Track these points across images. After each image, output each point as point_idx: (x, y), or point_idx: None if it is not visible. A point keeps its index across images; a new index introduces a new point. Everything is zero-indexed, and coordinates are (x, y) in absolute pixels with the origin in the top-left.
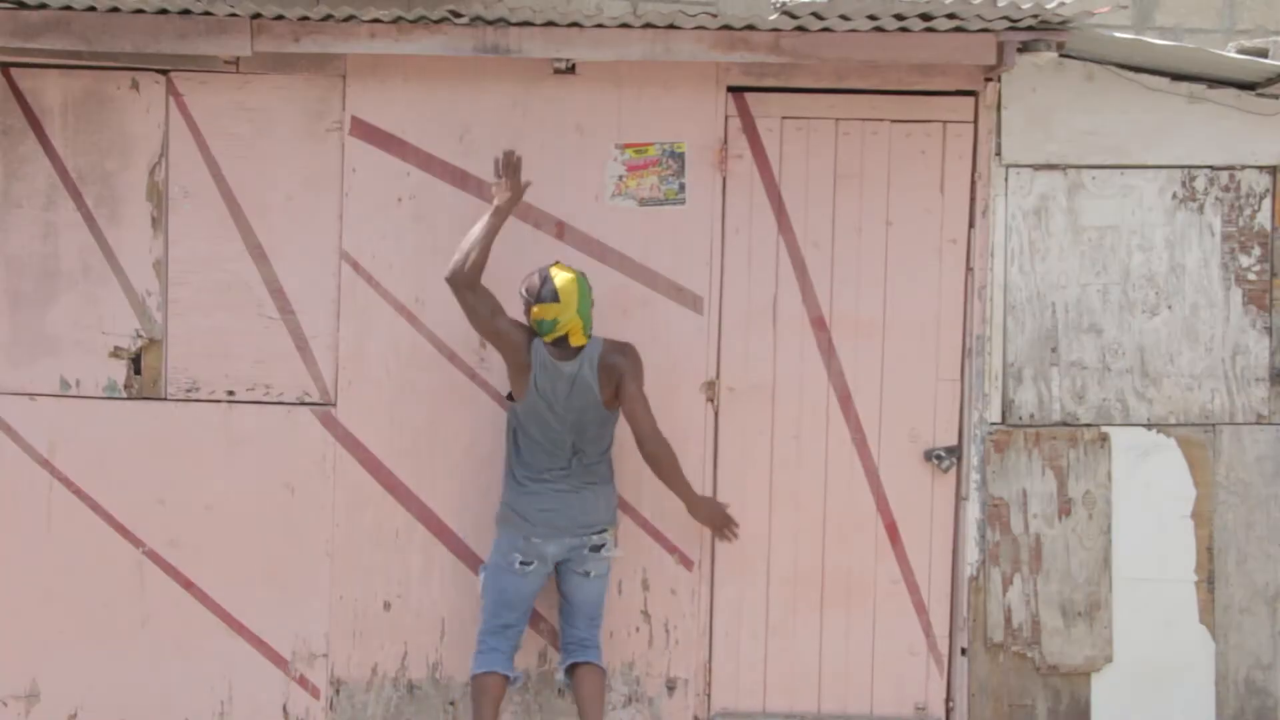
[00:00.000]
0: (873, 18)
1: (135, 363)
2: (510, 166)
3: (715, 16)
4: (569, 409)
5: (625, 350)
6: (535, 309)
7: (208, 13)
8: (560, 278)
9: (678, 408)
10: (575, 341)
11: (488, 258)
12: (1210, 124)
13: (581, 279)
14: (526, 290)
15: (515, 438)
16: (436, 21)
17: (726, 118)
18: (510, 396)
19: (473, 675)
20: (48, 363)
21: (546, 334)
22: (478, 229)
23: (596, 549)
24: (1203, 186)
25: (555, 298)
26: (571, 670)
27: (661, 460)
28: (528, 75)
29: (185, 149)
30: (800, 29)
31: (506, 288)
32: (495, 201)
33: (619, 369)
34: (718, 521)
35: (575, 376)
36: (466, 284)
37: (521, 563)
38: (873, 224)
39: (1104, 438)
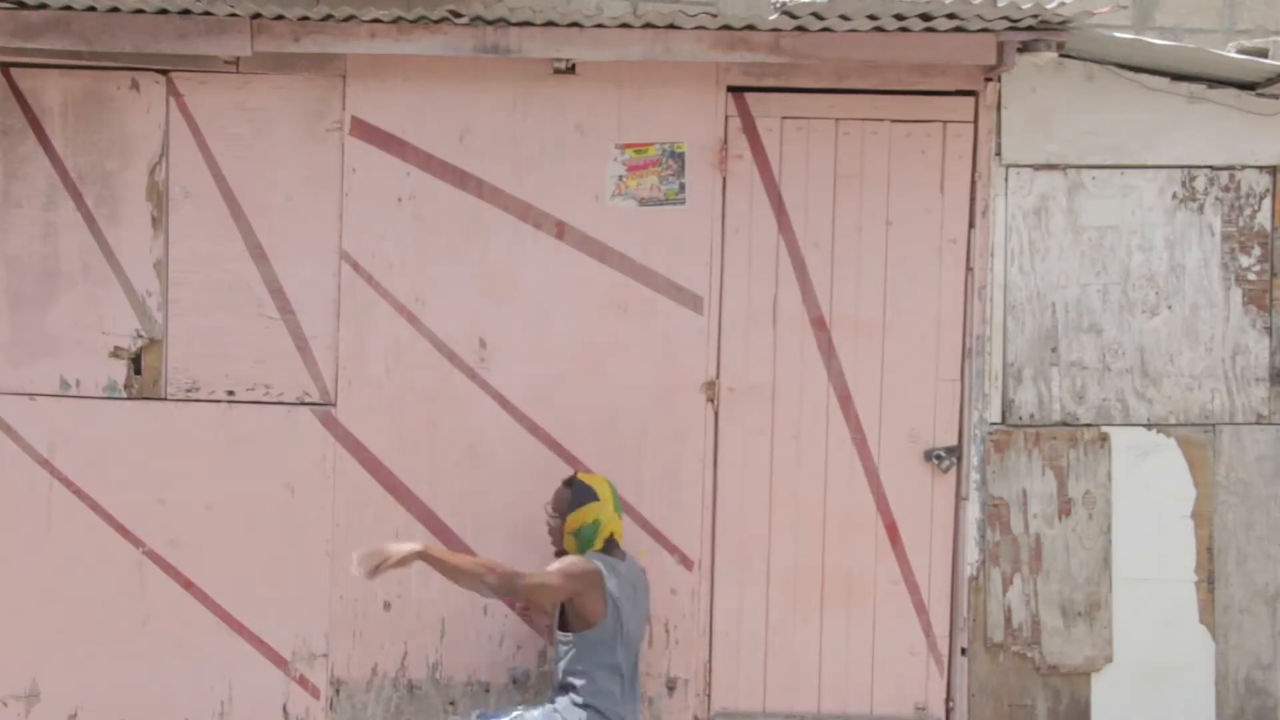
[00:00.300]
0: (873, 18)
1: (135, 363)
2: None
3: (715, 16)
4: (635, 615)
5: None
6: (572, 517)
7: (208, 13)
8: (593, 481)
9: (678, 408)
10: (618, 537)
11: (477, 575)
12: (1210, 124)
13: (608, 483)
14: (554, 506)
15: (593, 663)
16: (436, 21)
17: (726, 118)
18: (564, 627)
19: None
20: (48, 363)
21: (588, 544)
22: (458, 559)
23: None
24: (1203, 186)
25: (595, 496)
26: None
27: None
28: (528, 75)
29: (185, 149)
30: (800, 29)
31: (511, 286)
32: (422, 558)
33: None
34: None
35: (632, 569)
36: (513, 583)
37: None
38: (873, 224)
39: (1104, 438)
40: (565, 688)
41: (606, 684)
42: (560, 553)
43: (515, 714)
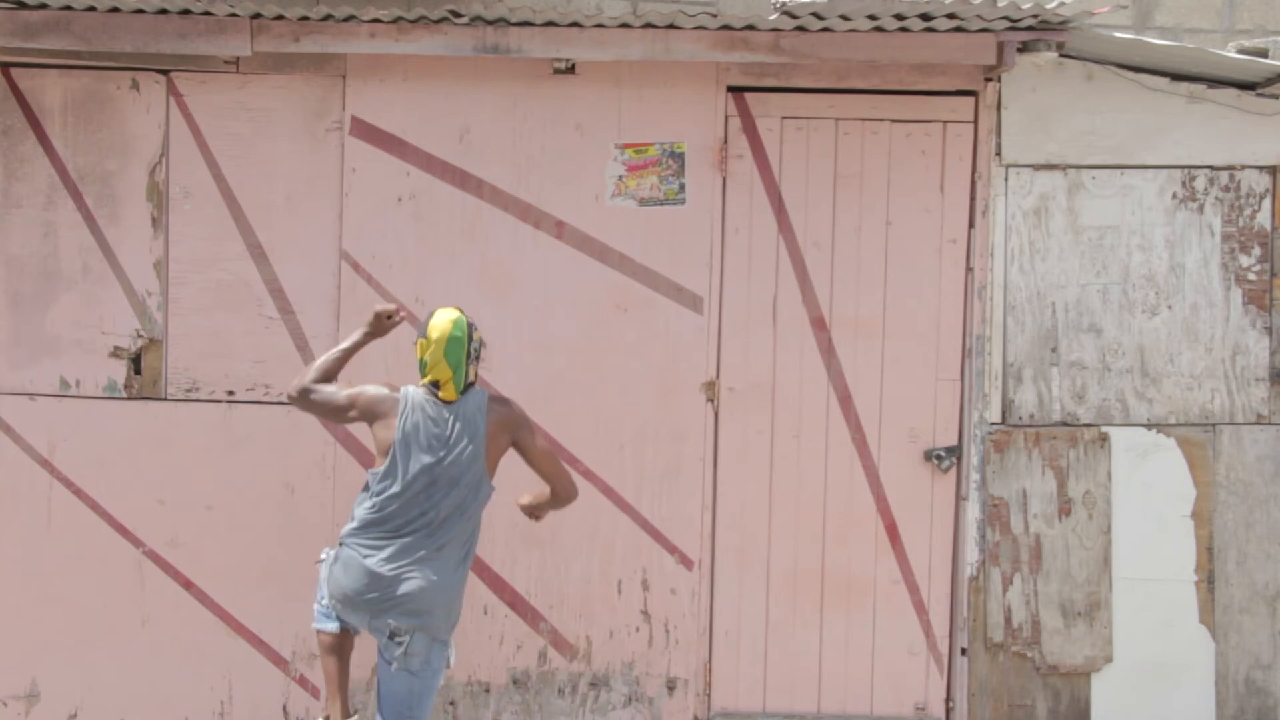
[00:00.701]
0: (873, 18)
1: (135, 363)
2: (390, 315)
3: (715, 16)
4: (441, 461)
5: (510, 403)
6: (419, 342)
7: (208, 13)
8: (437, 316)
9: (678, 408)
10: (445, 395)
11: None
12: (1210, 124)
13: (460, 324)
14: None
15: (368, 492)
16: (436, 21)
17: (726, 118)
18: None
19: (315, 630)
20: (48, 363)
21: (422, 374)
22: (331, 349)
23: (394, 638)
24: (1203, 186)
25: (423, 332)
26: None
27: (557, 506)
28: (528, 75)
29: (185, 149)
30: (800, 29)
31: (511, 286)
32: (362, 332)
33: (512, 420)
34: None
35: (457, 417)
36: (303, 391)
37: (328, 607)
38: (873, 224)
39: (1104, 438)
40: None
41: (376, 518)
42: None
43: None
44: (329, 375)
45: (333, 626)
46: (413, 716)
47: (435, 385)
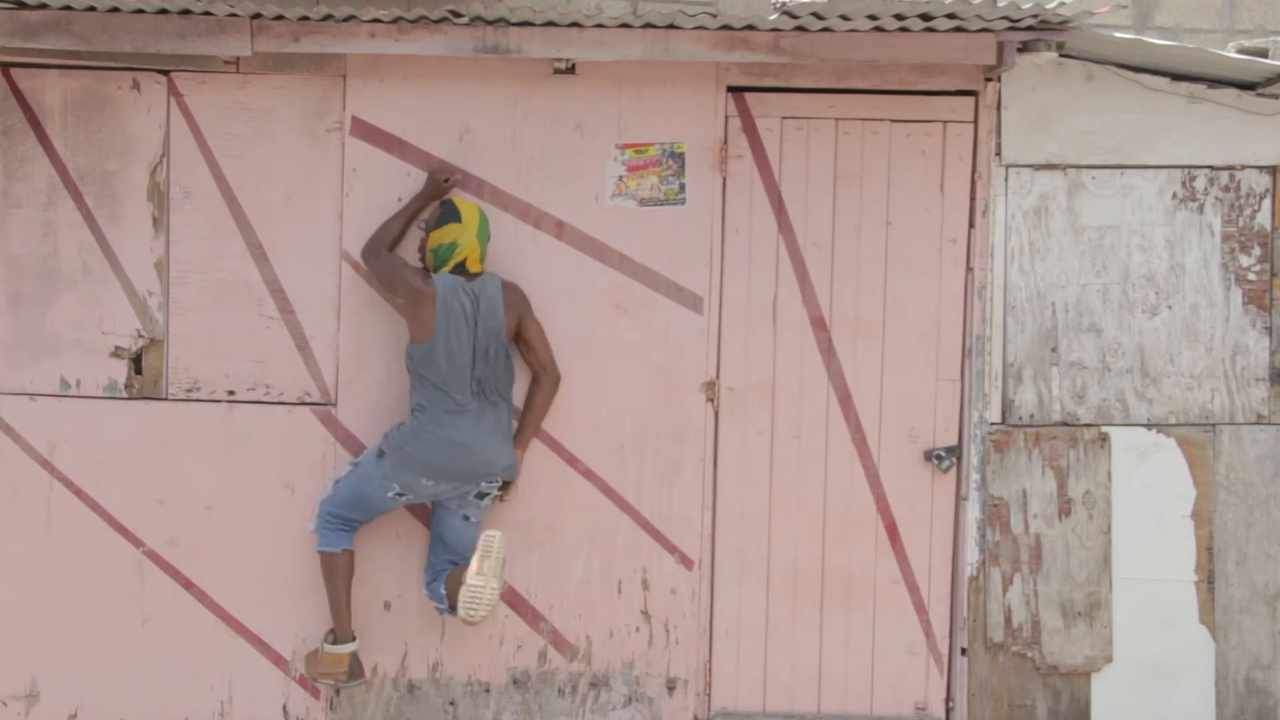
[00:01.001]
0: (873, 18)
1: (136, 362)
2: (446, 168)
3: (715, 16)
4: (475, 333)
5: (517, 287)
6: (435, 233)
7: (208, 13)
8: (462, 203)
9: (678, 408)
10: (473, 268)
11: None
12: (1210, 124)
13: (481, 210)
14: (424, 221)
15: (419, 379)
16: (436, 21)
17: (726, 118)
18: (411, 347)
19: (329, 553)
20: (48, 363)
21: (443, 263)
22: (398, 212)
23: (482, 495)
24: (1203, 186)
25: (457, 217)
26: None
27: (549, 393)
28: (528, 75)
29: (186, 149)
30: (800, 29)
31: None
32: (422, 192)
33: (520, 300)
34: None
35: (480, 295)
36: (376, 254)
37: (397, 494)
38: (873, 224)
39: (1104, 438)
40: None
41: (435, 395)
42: (423, 268)
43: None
44: (395, 239)
45: (347, 545)
46: (467, 554)
47: (461, 266)
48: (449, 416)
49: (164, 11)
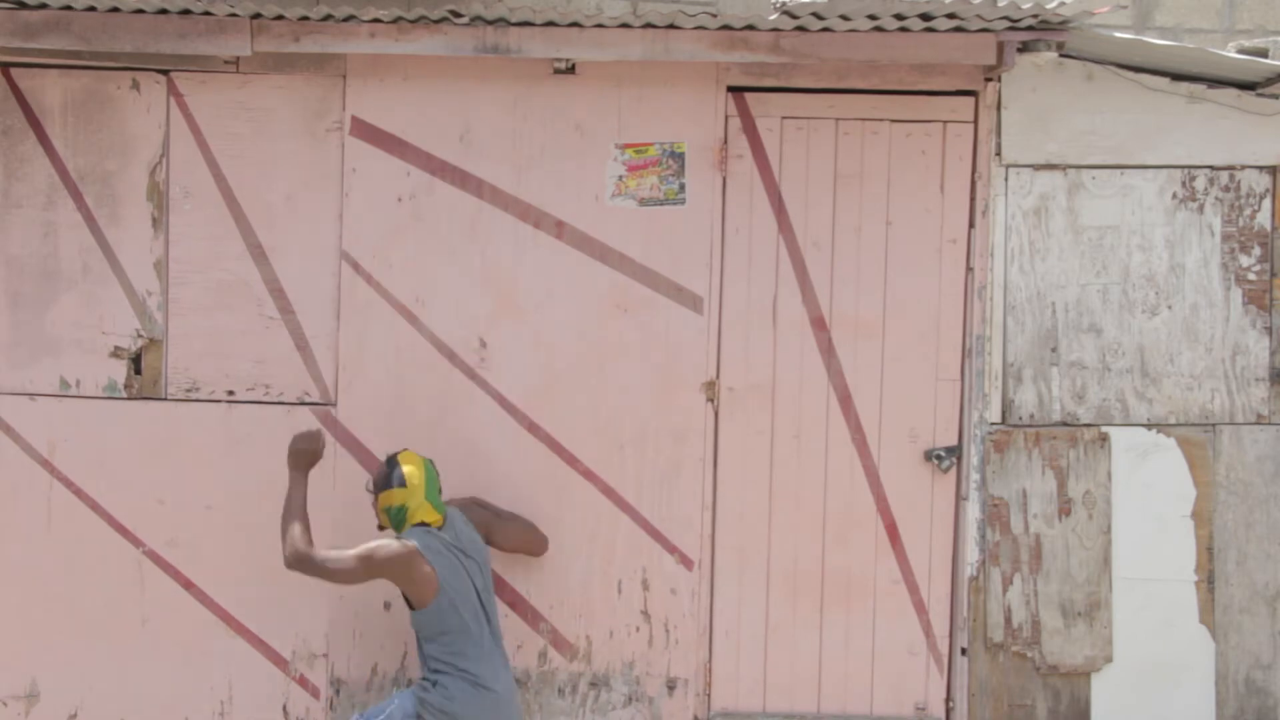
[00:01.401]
0: (873, 18)
1: (135, 363)
2: (311, 436)
3: (715, 16)
4: (470, 572)
5: (469, 503)
6: (383, 495)
7: (208, 13)
8: (407, 465)
9: (678, 408)
10: (435, 523)
11: (285, 535)
12: (1210, 124)
13: (429, 467)
14: (373, 481)
15: (440, 640)
16: (436, 21)
17: (726, 118)
18: (416, 616)
19: None
20: (48, 363)
21: (401, 523)
22: (293, 505)
23: None
24: (1203, 186)
25: (401, 482)
26: None
27: (534, 537)
28: (528, 75)
29: (186, 149)
30: (800, 29)
31: (511, 286)
32: (293, 469)
33: (480, 515)
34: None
35: (457, 536)
36: (308, 558)
37: None
38: (873, 224)
39: (1104, 438)
40: (426, 661)
41: (460, 645)
42: (381, 527)
43: (390, 703)
44: (306, 528)
45: None
46: None
47: (424, 524)
48: (478, 667)
49: (164, 11)
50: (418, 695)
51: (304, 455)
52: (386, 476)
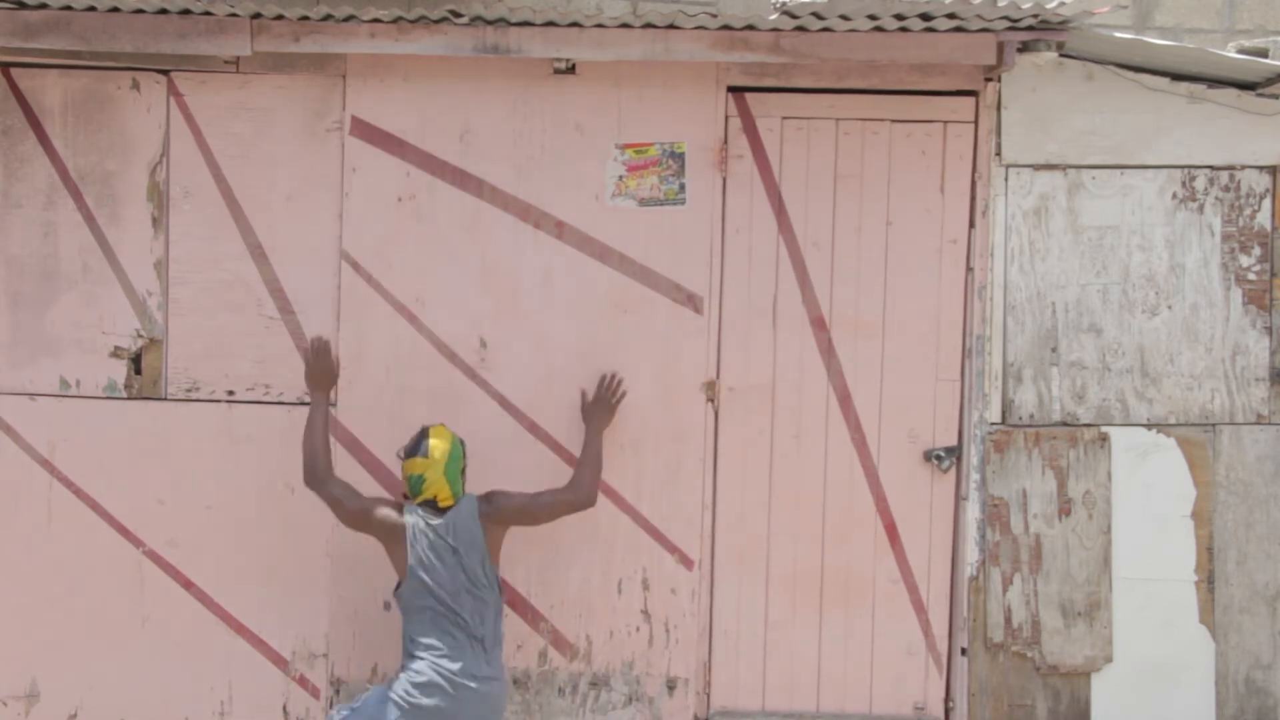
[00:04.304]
0: (873, 18)
1: (135, 363)
2: (320, 350)
3: (715, 16)
4: (451, 565)
5: (494, 495)
6: (406, 463)
7: (208, 13)
8: (435, 438)
9: (678, 408)
10: (443, 503)
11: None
12: (1210, 124)
13: (455, 445)
14: (404, 449)
15: (415, 621)
16: (436, 21)
17: (726, 118)
18: (398, 588)
19: None
20: (48, 363)
21: (416, 493)
22: (314, 425)
23: None
24: (1203, 186)
25: (425, 452)
26: None
27: (570, 497)
28: (528, 75)
29: (186, 149)
30: (800, 29)
31: (512, 286)
32: (313, 390)
33: (498, 504)
34: None
35: (454, 528)
36: (323, 481)
37: None
38: (873, 224)
39: (1104, 438)
40: (403, 642)
41: (428, 630)
42: (406, 495)
43: (369, 692)
44: (326, 449)
45: None
46: None
47: (432, 501)
48: (449, 655)
49: (164, 11)
50: (394, 677)
51: (320, 375)
52: (415, 444)
